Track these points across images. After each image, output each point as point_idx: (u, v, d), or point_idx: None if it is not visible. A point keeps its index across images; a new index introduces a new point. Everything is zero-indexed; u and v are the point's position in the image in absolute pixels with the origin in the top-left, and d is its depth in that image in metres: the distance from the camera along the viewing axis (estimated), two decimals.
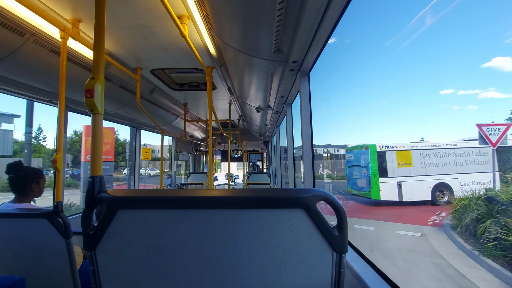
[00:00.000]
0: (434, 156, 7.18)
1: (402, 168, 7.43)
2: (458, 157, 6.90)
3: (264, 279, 0.72)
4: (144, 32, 2.09)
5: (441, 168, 7.06)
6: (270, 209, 0.70)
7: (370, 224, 6.77)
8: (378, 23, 16.37)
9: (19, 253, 1.47)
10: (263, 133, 7.73)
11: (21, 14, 1.63)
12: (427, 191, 7.05)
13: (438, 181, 7.01)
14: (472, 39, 10.94)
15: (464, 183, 6.28)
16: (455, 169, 6.88)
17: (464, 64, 11.57)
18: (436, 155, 7.17)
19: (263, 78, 2.64)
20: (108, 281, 0.75)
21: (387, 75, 14.58)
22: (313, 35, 1.59)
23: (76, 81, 2.35)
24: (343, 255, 0.70)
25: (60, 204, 1.44)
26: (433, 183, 7.04)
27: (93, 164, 0.81)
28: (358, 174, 8.59)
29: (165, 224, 0.73)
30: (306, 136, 2.24)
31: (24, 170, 1.72)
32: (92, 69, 0.89)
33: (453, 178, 6.84)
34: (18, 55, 1.87)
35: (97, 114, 0.84)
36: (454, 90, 11.77)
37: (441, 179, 7.00)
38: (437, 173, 7.05)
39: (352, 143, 9.29)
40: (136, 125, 4.66)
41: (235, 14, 1.63)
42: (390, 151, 7.60)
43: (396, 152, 7.53)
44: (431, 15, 8.52)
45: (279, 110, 4.03)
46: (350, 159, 9.21)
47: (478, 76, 10.02)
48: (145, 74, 3.08)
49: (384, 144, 7.72)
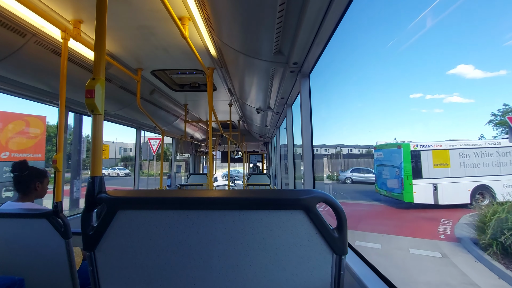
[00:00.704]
0: (475, 156, 6.67)
1: (438, 169, 6.96)
2: (502, 157, 6.41)
3: (264, 280, 0.72)
4: (145, 33, 2.09)
5: (482, 169, 6.53)
6: (270, 210, 0.70)
7: (375, 240, 5.85)
8: (376, 25, 16.54)
9: (18, 253, 1.47)
10: (263, 134, 7.73)
11: (22, 14, 1.64)
12: (466, 194, 6.53)
13: (479, 183, 6.47)
14: (441, 46, 11.22)
15: (508, 185, 5.92)
16: (498, 170, 6.38)
17: (432, 70, 11.84)
18: (477, 154, 6.65)
19: (264, 79, 2.64)
20: (107, 281, 0.75)
21: (367, 77, 14.87)
22: (313, 37, 1.59)
23: (76, 81, 2.35)
24: (343, 257, 0.70)
25: (60, 205, 1.44)
26: (473, 185, 6.50)
27: (93, 164, 0.81)
28: (388, 174, 8.10)
29: (164, 225, 0.72)
30: (306, 137, 2.24)
31: (29, 169, 1.73)
32: (92, 69, 0.89)
33: (496, 180, 6.32)
34: (19, 55, 1.87)
35: (97, 114, 0.84)
36: (422, 94, 11.99)
37: (482, 181, 6.46)
38: (478, 174, 6.53)
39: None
40: (136, 126, 4.67)
41: (236, 15, 1.63)
42: (426, 150, 7.12)
43: (432, 152, 7.05)
44: (431, 17, 8.61)
45: (279, 111, 4.03)
46: (379, 157, 8.71)
47: (444, 81, 10.19)
48: (145, 75, 3.09)
49: (418, 143, 7.25)
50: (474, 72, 11.43)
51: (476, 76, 11.28)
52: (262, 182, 6.59)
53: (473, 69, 11.47)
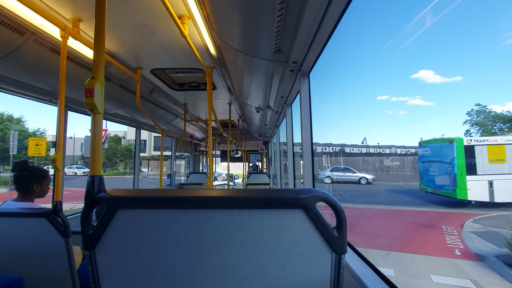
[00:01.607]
0: None
1: (494, 165, 6.58)
2: None
3: (263, 279, 0.72)
4: (144, 32, 2.09)
5: None
6: (269, 210, 0.70)
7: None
8: (376, 24, 16.84)
9: (18, 252, 1.47)
10: (262, 133, 7.72)
11: (21, 13, 1.63)
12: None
13: None
14: (405, 51, 11.76)
15: None
16: None
17: (397, 74, 12.49)
18: None
19: (263, 78, 2.64)
20: (107, 280, 0.75)
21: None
22: (313, 36, 1.59)
23: (76, 80, 2.35)
24: (343, 255, 0.70)
25: (60, 204, 1.44)
26: None
27: (92, 163, 0.81)
28: (436, 170, 7.69)
29: (164, 224, 0.72)
30: (306, 136, 2.24)
31: (29, 170, 1.72)
32: (92, 68, 0.89)
33: None
34: (18, 54, 1.87)
35: (97, 113, 0.84)
36: (388, 96, 12.52)
37: None
38: None
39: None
40: (136, 125, 4.67)
41: (235, 14, 1.63)
42: (480, 145, 6.73)
43: (487, 147, 6.68)
44: (431, 16, 8.70)
45: (279, 110, 4.03)
46: (425, 153, 8.32)
47: (408, 85, 10.62)
48: (145, 74, 3.08)
49: (471, 138, 6.92)
50: (434, 77, 11.97)
51: (436, 81, 11.85)
52: (261, 181, 6.59)
53: (433, 74, 11.98)
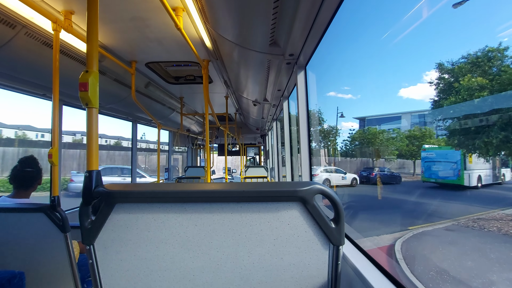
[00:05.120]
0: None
1: (472, 164, 6.76)
2: None
3: (262, 271, 0.73)
4: (138, 24, 2.05)
5: None
6: (267, 203, 0.71)
7: None
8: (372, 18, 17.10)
9: (17, 247, 1.47)
10: (260, 127, 7.71)
11: (11, 5, 1.59)
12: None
13: None
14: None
15: None
16: None
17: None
18: None
19: (260, 71, 2.62)
20: (107, 274, 0.76)
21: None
22: (309, 28, 1.57)
23: (70, 74, 2.31)
24: (340, 247, 0.71)
25: (57, 199, 1.44)
26: None
27: (89, 158, 0.80)
28: (441, 167, 7.80)
29: (162, 218, 0.73)
30: (302, 129, 2.24)
31: (34, 168, 1.74)
32: (86, 62, 0.87)
33: None
34: (10, 48, 1.83)
35: (92, 108, 0.84)
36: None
37: None
38: None
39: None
40: (132, 119, 4.63)
41: (230, 5, 1.60)
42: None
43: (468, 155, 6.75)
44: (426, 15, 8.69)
45: (276, 103, 4.01)
46: (429, 156, 8.44)
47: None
48: (140, 67, 3.04)
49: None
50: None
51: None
52: (259, 174, 6.61)
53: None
